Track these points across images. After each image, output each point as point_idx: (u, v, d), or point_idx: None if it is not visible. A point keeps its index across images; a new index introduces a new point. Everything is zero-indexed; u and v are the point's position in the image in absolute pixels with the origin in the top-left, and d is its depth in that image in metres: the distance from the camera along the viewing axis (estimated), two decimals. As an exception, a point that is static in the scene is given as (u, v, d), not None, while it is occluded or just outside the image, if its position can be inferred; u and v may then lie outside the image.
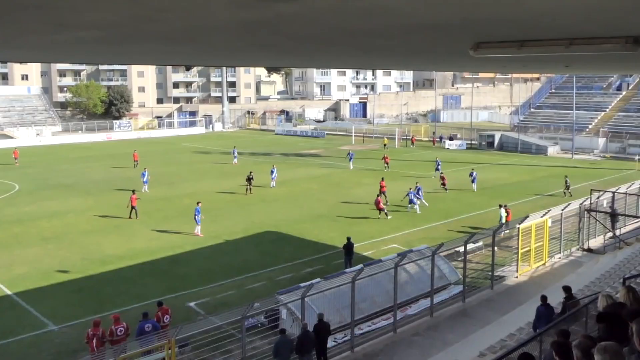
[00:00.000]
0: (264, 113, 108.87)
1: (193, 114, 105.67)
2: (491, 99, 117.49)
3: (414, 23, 8.21)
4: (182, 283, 21.61)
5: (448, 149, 67.15)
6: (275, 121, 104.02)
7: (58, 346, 16.66)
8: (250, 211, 33.33)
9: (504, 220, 26.84)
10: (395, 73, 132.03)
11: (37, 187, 42.30)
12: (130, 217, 31.25)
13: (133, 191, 32.66)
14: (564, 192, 36.46)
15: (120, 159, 57.41)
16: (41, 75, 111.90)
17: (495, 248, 21.09)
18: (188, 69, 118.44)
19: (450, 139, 71.44)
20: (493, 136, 67.62)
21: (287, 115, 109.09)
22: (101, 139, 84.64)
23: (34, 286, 21.49)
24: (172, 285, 21.40)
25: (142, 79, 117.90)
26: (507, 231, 25.29)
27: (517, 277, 21.29)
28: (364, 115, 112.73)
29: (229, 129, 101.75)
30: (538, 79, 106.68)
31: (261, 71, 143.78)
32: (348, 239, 22.66)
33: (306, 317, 15.19)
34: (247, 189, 38.02)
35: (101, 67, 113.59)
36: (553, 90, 77.52)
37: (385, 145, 66.70)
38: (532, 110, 76.57)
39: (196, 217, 28.04)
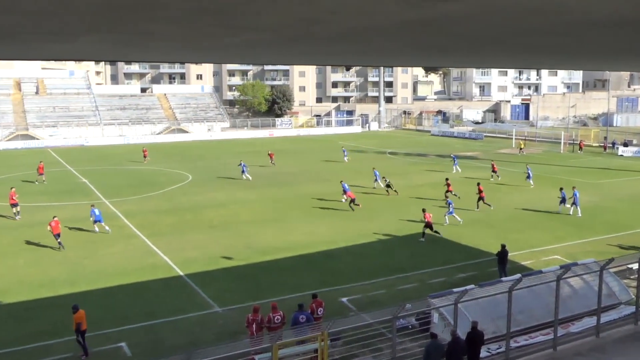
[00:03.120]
0: (420, 113, 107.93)
1: (350, 113, 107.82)
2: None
3: (593, 20, 7.61)
4: (335, 278, 22.15)
5: (621, 155, 61.46)
6: (431, 122, 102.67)
7: (221, 327, 17.91)
8: (403, 211, 33.20)
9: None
10: (562, 73, 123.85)
11: (207, 179, 45.89)
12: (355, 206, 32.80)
13: (352, 202, 33.31)
14: None
15: (280, 155, 60.21)
16: (213, 75, 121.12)
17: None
18: (348, 69, 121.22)
19: (625, 145, 65.30)
20: (677, 143, 60.68)
21: (443, 116, 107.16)
22: (264, 135, 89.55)
23: (202, 269, 23.34)
24: (326, 279, 22.03)
25: (302, 79, 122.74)
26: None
27: (701, 303, 18.90)
28: (526, 117, 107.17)
29: (384, 128, 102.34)
30: None
31: (418, 71, 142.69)
32: (503, 246, 21.69)
33: (458, 324, 14.80)
34: (388, 191, 38.14)
35: (266, 67, 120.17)
36: None
37: (521, 148, 62.73)
38: None
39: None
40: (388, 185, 38.39)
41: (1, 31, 7.86)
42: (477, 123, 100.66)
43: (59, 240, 26.14)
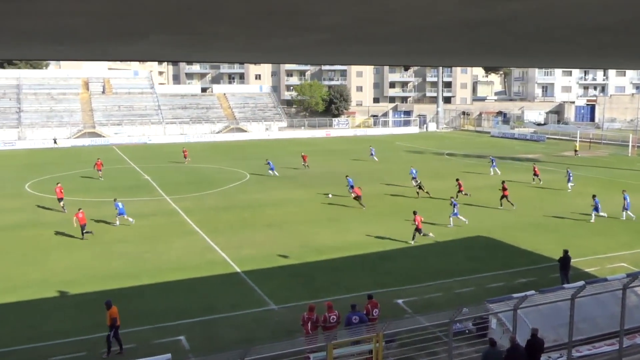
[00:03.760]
0: (480, 114, 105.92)
1: (408, 113, 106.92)
2: None
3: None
4: (390, 279, 22.01)
5: (695, 159, 58.52)
6: (491, 123, 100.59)
7: (276, 325, 18.09)
8: (461, 214, 32.64)
9: None
10: (631, 73, 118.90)
11: (264, 178, 46.46)
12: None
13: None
14: None
15: (338, 155, 60.35)
16: (271, 75, 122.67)
17: None
18: (406, 69, 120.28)
19: (699, 148, 62.14)
20: None
21: (504, 117, 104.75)
22: (321, 135, 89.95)
23: (259, 267, 23.64)
24: (381, 280, 21.91)
25: (360, 79, 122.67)
26: None
27: None
28: (592, 119, 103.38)
29: (442, 129, 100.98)
30: None
31: (478, 71, 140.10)
32: (565, 251, 20.98)
33: (517, 331, 14.43)
34: (418, 193, 37.76)
35: (323, 67, 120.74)
36: None
37: (576, 151, 60.34)
38: None
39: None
40: (419, 187, 37.99)
41: (70, 33, 8.18)
42: (539, 124, 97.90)
43: (85, 231, 27.62)
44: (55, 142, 75.90)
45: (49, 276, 22.72)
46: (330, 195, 37.60)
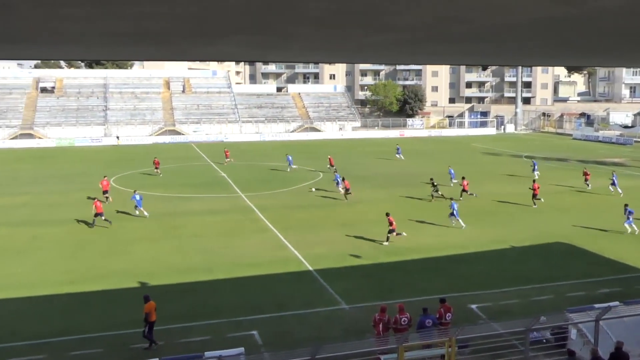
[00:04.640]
0: (561, 116, 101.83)
1: (484, 114, 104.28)
2: None
3: None
4: (464, 283, 21.54)
5: None
6: (573, 125, 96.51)
7: (347, 324, 18.09)
8: (540, 219, 31.55)
9: None
10: None
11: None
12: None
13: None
14: None
15: (410, 155, 59.64)
16: (346, 75, 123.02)
17: None
18: (484, 68, 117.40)
19: None
20: None
21: (587, 118, 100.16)
22: (394, 135, 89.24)
23: (330, 266, 23.74)
24: (455, 284, 21.47)
25: (435, 79, 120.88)
26: None
27: None
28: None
29: (521, 131, 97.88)
30: None
31: (560, 71, 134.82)
32: (656, 262, 19.87)
33: (600, 343, 13.78)
34: (432, 195, 36.85)
35: (398, 67, 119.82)
36: None
37: None
38: None
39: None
40: (435, 189, 37.01)
41: (155, 35, 8.50)
42: (626, 127, 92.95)
43: (103, 218, 29.88)
44: (118, 139, 79.46)
45: (131, 267, 23.74)
46: (313, 190, 40.04)
